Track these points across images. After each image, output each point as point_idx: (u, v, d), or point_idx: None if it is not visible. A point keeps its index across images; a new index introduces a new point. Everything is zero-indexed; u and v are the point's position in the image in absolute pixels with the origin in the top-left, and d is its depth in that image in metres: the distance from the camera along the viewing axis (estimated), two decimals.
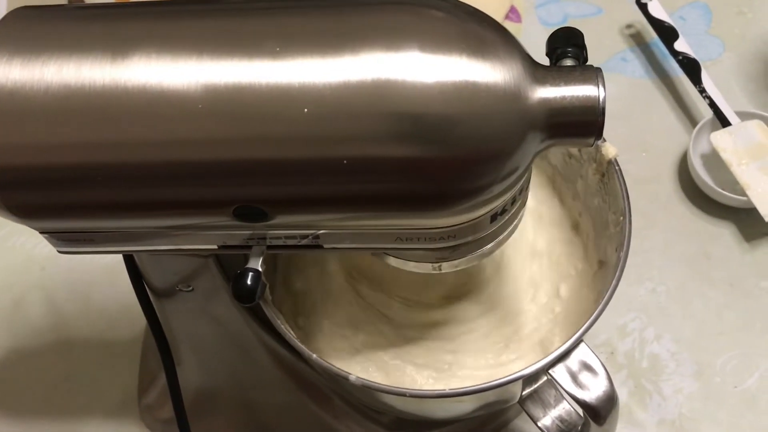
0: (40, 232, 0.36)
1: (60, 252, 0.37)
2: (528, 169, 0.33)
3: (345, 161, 0.30)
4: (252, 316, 0.46)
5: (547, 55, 0.35)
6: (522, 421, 0.54)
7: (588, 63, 0.34)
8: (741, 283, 0.59)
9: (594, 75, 0.32)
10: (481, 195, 0.32)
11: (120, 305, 0.62)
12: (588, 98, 0.31)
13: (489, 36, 0.31)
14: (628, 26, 0.74)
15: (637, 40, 0.73)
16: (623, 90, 0.70)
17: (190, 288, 0.43)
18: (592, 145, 0.33)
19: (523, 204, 0.37)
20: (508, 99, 0.30)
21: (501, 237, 0.37)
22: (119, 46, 0.31)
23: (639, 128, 0.67)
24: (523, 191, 0.35)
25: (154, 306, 0.45)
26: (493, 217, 0.34)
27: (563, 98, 0.31)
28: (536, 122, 0.31)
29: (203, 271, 0.41)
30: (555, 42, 0.35)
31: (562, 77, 0.32)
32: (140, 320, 0.60)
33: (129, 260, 0.43)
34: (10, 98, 0.31)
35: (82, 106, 0.30)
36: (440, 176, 0.31)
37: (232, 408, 0.54)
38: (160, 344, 0.47)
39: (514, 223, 0.37)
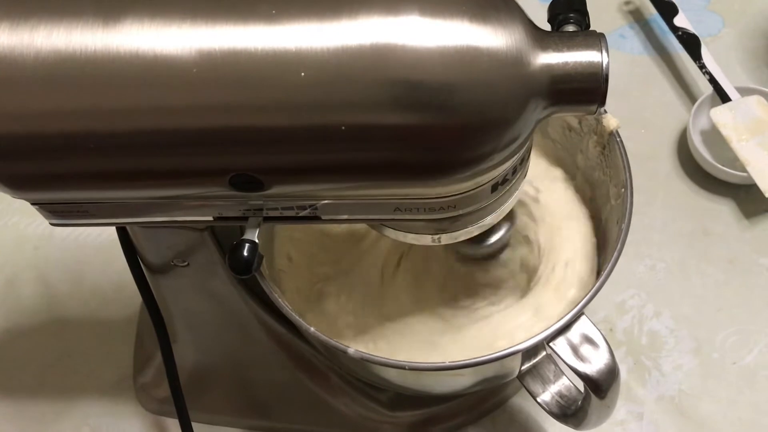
0: (32, 204, 0.35)
1: (52, 224, 0.36)
2: (530, 137, 0.32)
3: (343, 128, 0.29)
4: (248, 292, 0.45)
5: (548, 21, 0.34)
6: (521, 398, 0.54)
7: (591, 29, 0.33)
8: (740, 259, 0.59)
9: (597, 40, 0.31)
10: (482, 163, 0.31)
11: (114, 285, 0.62)
12: (591, 64, 0.31)
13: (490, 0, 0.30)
14: (627, 2, 0.73)
15: (636, 16, 0.72)
16: (622, 67, 0.69)
17: (186, 263, 0.43)
18: (594, 113, 0.32)
19: (524, 174, 0.36)
20: (510, 64, 0.30)
21: (501, 208, 0.36)
22: (111, 10, 0.30)
23: (638, 105, 0.67)
24: (525, 161, 0.35)
25: (149, 282, 0.45)
26: (494, 187, 0.33)
27: (566, 64, 0.31)
28: (538, 88, 0.31)
29: (199, 246, 0.41)
30: (556, 8, 0.34)
31: (565, 43, 0.31)
32: (134, 300, 0.60)
33: (123, 234, 0.42)
34: None
35: (74, 72, 0.30)
36: (440, 144, 0.30)
37: (228, 386, 0.54)
38: (156, 321, 0.46)
39: (515, 194, 0.36)
